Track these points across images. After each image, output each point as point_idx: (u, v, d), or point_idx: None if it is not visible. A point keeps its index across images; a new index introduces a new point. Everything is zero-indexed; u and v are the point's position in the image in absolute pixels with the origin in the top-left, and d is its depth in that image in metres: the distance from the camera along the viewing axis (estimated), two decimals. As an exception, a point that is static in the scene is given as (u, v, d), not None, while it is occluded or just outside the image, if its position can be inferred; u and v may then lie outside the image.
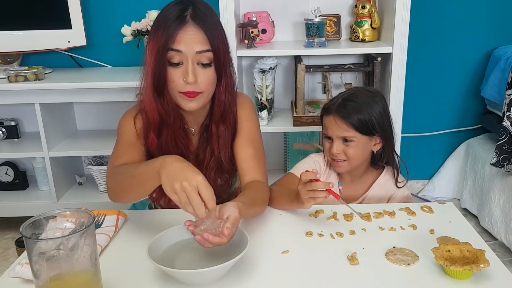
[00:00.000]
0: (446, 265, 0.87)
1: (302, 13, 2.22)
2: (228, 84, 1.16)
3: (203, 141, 1.23)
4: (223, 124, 1.20)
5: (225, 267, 0.85)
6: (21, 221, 0.79)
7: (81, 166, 2.50)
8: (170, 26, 1.07)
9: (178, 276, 0.86)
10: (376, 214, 1.14)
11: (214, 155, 1.22)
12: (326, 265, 0.94)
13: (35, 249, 0.73)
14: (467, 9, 2.34)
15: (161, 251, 0.92)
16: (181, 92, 1.11)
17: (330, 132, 1.31)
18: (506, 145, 1.95)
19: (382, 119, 1.29)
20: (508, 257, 2.01)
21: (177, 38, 1.07)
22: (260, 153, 1.25)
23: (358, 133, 1.27)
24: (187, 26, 1.07)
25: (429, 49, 2.39)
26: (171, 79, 1.10)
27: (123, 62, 2.31)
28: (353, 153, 1.28)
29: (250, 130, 1.25)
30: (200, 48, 1.08)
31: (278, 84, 2.33)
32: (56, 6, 2.14)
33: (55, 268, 0.74)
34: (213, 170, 1.22)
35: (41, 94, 2.07)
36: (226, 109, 1.19)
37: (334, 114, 1.29)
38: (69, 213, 0.81)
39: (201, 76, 1.10)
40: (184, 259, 0.93)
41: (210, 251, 0.93)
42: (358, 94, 1.32)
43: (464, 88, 2.48)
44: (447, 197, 2.58)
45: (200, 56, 1.09)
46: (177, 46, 1.07)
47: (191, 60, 1.08)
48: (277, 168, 2.50)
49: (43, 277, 0.74)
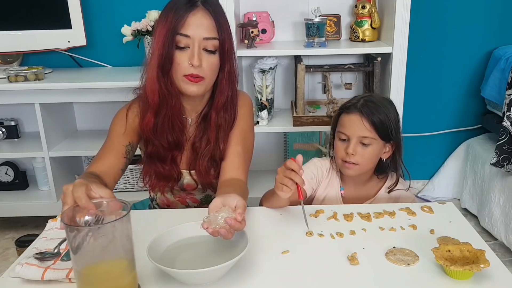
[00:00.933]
0: (446, 265, 0.87)
1: (302, 13, 2.22)
2: (231, 72, 1.19)
3: (200, 131, 1.25)
4: (224, 111, 1.22)
5: (225, 267, 0.85)
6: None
7: (81, 166, 2.50)
8: (180, 9, 1.10)
9: (178, 276, 0.86)
10: (376, 214, 1.14)
11: (210, 143, 1.23)
12: (326, 265, 0.94)
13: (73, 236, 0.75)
14: (467, 9, 2.34)
15: (161, 251, 0.92)
16: (185, 75, 1.13)
17: (349, 131, 1.27)
18: (506, 145, 1.95)
19: (397, 125, 1.29)
20: (508, 257, 2.01)
21: (186, 22, 1.10)
22: (246, 154, 1.26)
23: (377, 136, 1.26)
24: (197, 10, 1.11)
25: (429, 49, 2.39)
26: (176, 61, 1.13)
27: (123, 62, 2.31)
28: (369, 157, 1.26)
29: (243, 129, 1.26)
30: (208, 35, 1.11)
31: (278, 84, 2.33)
32: (56, 6, 2.14)
33: (92, 255, 0.77)
34: (206, 158, 1.23)
35: (41, 94, 2.07)
36: (228, 97, 1.21)
37: (359, 112, 1.25)
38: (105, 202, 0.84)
39: (206, 61, 1.13)
40: (184, 259, 0.92)
41: (210, 251, 0.93)
42: (376, 97, 1.32)
43: (464, 88, 2.48)
44: (447, 197, 2.58)
45: (206, 42, 1.12)
46: (185, 30, 1.10)
47: (198, 45, 1.11)
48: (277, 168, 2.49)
49: (80, 264, 0.78)
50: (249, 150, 1.28)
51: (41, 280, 0.88)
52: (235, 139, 1.25)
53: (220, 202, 0.94)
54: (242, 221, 0.90)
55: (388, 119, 1.26)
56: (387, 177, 1.36)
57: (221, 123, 1.22)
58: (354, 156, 1.26)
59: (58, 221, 1.10)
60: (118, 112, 1.25)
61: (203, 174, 1.25)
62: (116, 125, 1.23)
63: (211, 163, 1.24)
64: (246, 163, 1.26)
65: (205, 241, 0.95)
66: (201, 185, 1.29)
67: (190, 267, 0.88)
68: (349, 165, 1.27)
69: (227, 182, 1.18)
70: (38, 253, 0.95)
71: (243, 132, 1.26)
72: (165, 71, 1.14)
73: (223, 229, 0.88)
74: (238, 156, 1.23)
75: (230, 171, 1.21)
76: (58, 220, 1.11)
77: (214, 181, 1.28)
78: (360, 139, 1.26)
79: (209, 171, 1.25)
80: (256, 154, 2.41)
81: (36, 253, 0.95)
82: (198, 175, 1.26)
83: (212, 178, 1.27)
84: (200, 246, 0.91)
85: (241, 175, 1.22)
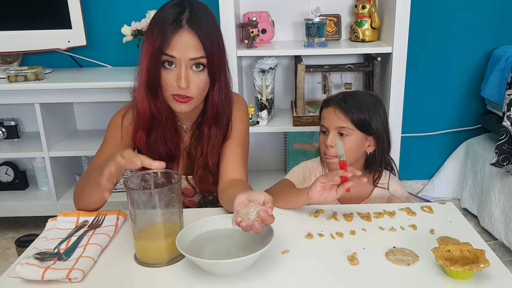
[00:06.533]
0: (446, 265, 0.87)
1: (302, 13, 2.22)
2: (221, 87, 1.18)
3: (195, 139, 1.25)
4: (215, 125, 1.22)
5: (251, 259, 0.87)
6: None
7: (81, 166, 2.50)
8: (166, 30, 1.08)
9: (205, 265, 0.88)
10: (376, 214, 1.14)
11: (202, 155, 1.24)
12: (326, 265, 0.94)
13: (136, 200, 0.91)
14: (467, 9, 2.34)
15: (188, 242, 0.94)
16: (173, 94, 1.13)
17: (327, 123, 1.32)
18: (506, 145, 1.95)
19: (379, 122, 1.31)
20: (508, 257, 2.01)
21: (171, 43, 1.08)
22: (245, 156, 1.28)
23: (354, 127, 1.28)
24: (182, 31, 1.08)
25: (429, 49, 2.39)
26: (164, 81, 1.12)
27: (123, 62, 2.31)
28: (348, 147, 1.26)
29: (241, 132, 1.27)
30: (194, 55, 1.10)
31: (278, 84, 2.33)
32: (56, 6, 2.14)
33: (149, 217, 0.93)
34: (201, 168, 1.24)
35: (41, 94, 2.07)
36: (219, 111, 1.21)
37: (334, 105, 1.30)
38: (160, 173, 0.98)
39: (194, 80, 1.12)
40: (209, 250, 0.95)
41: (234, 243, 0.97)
42: (360, 94, 1.36)
43: (464, 88, 2.48)
44: (447, 197, 2.58)
45: (193, 62, 1.10)
46: (171, 51, 1.09)
47: (185, 66, 1.10)
48: (277, 168, 2.50)
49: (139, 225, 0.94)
50: (247, 152, 1.30)
51: (41, 280, 0.88)
52: (235, 142, 1.25)
53: (245, 198, 0.93)
54: (272, 216, 0.91)
55: (368, 114, 1.28)
56: (379, 176, 1.36)
57: (212, 137, 1.22)
58: (334, 147, 1.28)
59: (58, 220, 1.10)
60: (114, 118, 1.25)
61: (199, 181, 1.26)
62: (112, 132, 1.23)
63: (208, 171, 1.25)
64: (246, 164, 1.27)
65: (230, 234, 0.98)
66: (200, 192, 1.30)
67: (216, 257, 0.90)
68: (330, 158, 1.30)
69: (233, 183, 1.18)
70: (38, 253, 0.95)
71: (241, 134, 1.27)
72: (154, 90, 1.14)
73: (256, 222, 0.89)
74: (238, 158, 1.24)
75: (232, 172, 1.21)
76: (59, 219, 1.11)
77: (213, 188, 1.28)
78: (338, 130, 1.29)
79: (206, 179, 1.26)
80: (256, 154, 2.43)
81: (36, 253, 0.95)
82: (196, 183, 1.28)
83: (210, 185, 1.27)
84: (224, 239, 0.96)
85: (243, 176, 1.23)
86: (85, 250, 0.97)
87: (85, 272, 0.91)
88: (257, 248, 0.88)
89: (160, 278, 0.91)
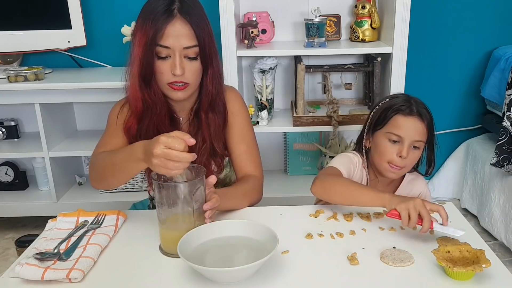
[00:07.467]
0: (448, 266, 0.87)
1: (302, 13, 2.22)
2: (214, 74, 1.20)
3: (194, 127, 1.25)
4: (212, 112, 1.23)
5: (254, 267, 0.86)
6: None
7: (81, 166, 2.50)
8: (158, 20, 1.10)
9: (207, 273, 0.87)
10: (376, 214, 1.14)
11: (206, 142, 1.24)
12: (326, 265, 0.94)
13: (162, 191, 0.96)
14: (467, 9, 2.34)
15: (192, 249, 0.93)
16: (169, 83, 1.14)
17: (405, 133, 1.21)
18: (506, 145, 1.95)
19: None
20: (508, 257, 2.01)
21: (165, 33, 1.10)
22: (252, 148, 1.29)
23: (427, 139, 1.25)
24: (175, 20, 1.10)
25: (429, 49, 2.39)
26: (159, 71, 1.14)
27: (123, 62, 2.26)
28: (414, 160, 1.24)
29: (241, 126, 1.28)
30: (188, 44, 1.12)
31: (278, 84, 2.33)
32: (56, 6, 2.14)
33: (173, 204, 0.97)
34: (205, 155, 1.24)
35: (41, 94, 2.07)
36: (214, 97, 1.22)
37: (417, 115, 1.22)
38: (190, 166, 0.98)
39: (188, 68, 1.14)
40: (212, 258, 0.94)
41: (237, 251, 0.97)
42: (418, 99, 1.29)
43: (464, 88, 2.48)
44: (447, 197, 2.58)
45: (187, 50, 1.12)
46: (164, 42, 1.11)
47: (179, 54, 1.12)
48: (277, 168, 2.50)
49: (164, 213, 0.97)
50: (253, 143, 1.30)
51: (41, 280, 0.88)
52: (236, 139, 1.27)
53: None
54: None
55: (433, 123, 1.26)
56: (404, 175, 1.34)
57: (211, 123, 1.23)
58: (406, 159, 1.22)
59: (58, 220, 1.10)
60: (114, 108, 1.27)
61: None
62: (112, 125, 1.25)
63: (210, 158, 1.25)
64: (254, 156, 1.29)
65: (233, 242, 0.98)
66: None
67: (218, 265, 0.90)
68: (395, 169, 1.23)
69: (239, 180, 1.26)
70: (38, 253, 0.95)
71: (242, 129, 1.28)
72: (147, 80, 1.16)
73: None
74: (245, 154, 1.27)
75: (242, 171, 1.27)
76: (59, 219, 1.11)
77: (214, 173, 1.28)
78: (413, 143, 1.22)
79: (209, 167, 1.25)
80: (256, 154, 2.42)
81: (36, 253, 0.95)
82: None
83: (211, 172, 1.27)
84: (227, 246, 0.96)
85: (252, 169, 1.26)
86: (85, 250, 0.97)
87: (85, 272, 0.91)
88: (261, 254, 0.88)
89: (160, 278, 0.91)
